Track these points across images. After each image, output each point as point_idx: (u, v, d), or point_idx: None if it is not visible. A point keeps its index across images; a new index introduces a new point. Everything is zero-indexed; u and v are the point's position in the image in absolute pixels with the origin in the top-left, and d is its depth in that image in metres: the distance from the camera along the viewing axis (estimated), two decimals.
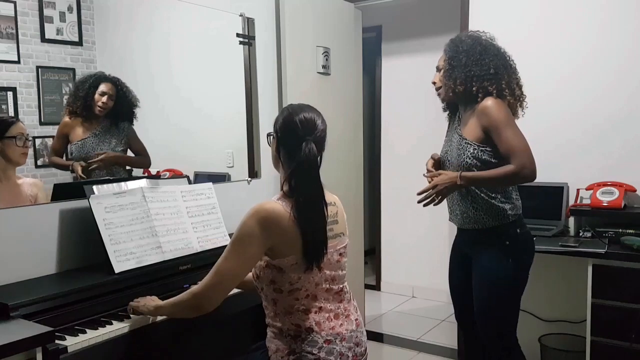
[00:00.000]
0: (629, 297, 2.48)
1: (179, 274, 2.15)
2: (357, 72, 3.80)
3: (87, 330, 1.73)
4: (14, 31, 2.10)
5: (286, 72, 3.12)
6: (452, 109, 2.40)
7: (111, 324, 1.79)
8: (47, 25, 2.21)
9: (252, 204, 1.66)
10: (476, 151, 2.17)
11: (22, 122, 2.11)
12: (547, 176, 2.74)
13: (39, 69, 2.20)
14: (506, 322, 2.27)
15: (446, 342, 3.67)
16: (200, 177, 2.75)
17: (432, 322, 4.12)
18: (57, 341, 1.59)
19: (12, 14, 2.09)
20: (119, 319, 1.84)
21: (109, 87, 2.41)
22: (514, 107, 2.23)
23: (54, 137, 2.29)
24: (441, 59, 2.31)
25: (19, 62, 2.13)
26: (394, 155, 4.73)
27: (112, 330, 1.76)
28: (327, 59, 3.38)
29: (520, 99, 2.26)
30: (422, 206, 2.21)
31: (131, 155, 2.56)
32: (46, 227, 2.07)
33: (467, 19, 3.24)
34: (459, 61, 2.21)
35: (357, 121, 3.80)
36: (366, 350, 1.79)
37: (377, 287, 4.95)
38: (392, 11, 4.55)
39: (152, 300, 1.87)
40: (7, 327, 1.58)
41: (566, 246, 2.63)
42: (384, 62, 4.76)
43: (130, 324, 1.81)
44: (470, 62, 2.19)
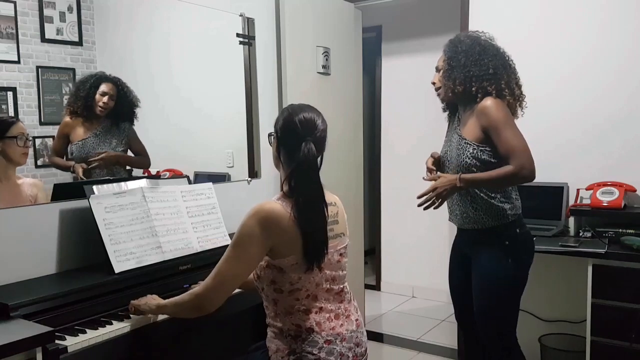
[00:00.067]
0: (629, 297, 2.48)
1: (179, 274, 2.15)
2: (357, 72, 3.80)
3: (87, 330, 1.73)
4: (14, 31, 2.10)
5: (286, 72, 3.12)
6: (452, 109, 2.40)
7: (111, 324, 1.79)
8: (47, 25, 2.21)
9: (252, 204, 1.65)
10: (476, 151, 2.17)
11: (22, 122, 2.10)
12: (547, 176, 2.74)
13: (39, 69, 2.20)
14: (506, 322, 2.27)
15: (446, 342, 3.67)
16: (200, 177, 2.75)
17: (432, 322, 4.12)
18: (57, 341, 1.59)
19: (12, 14, 2.08)
20: (119, 318, 1.84)
21: (109, 87, 2.41)
22: (513, 107, 2.23)
23: (54, 137, 2.29)
24: (440, 60, 2.31)
25: (19, 62, 2.13)
26: (394, 155, 4.73)
27: (112, 330, 1.76)
28: (327, 59, 3.38)
29: (519, 99, 2.26)
30: (422, 209, 2.21)
31: (131, 155, 2.56)
32: (46, 227, 2.07)
33: (467, 19, 3.24)
34: (458, 61, 2.21)
35: (357, 121, 3.80)
36: (366, 350, 1.79)
37: (377, 287, 4.95)
38: (392, 11, 4.55)
39: (153, 299, 1.87)
40: (7, 327, 1.58)
41: (566, 246, 2.63)
42: (384, 62, 4.76)
43: (130, 324, 1.81)
44: (469, 63, 2.19)
